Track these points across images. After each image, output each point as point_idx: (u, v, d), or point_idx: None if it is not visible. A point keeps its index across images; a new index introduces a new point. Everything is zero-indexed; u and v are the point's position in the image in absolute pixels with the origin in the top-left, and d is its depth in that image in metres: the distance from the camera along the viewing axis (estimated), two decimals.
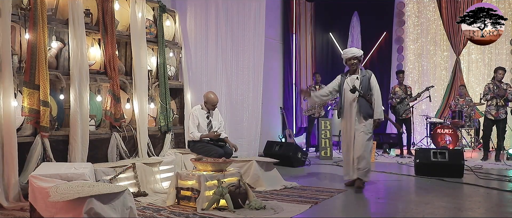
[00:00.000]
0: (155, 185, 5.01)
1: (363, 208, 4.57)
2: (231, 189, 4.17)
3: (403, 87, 9.08)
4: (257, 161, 5.42)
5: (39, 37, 4.34)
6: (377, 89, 5.35)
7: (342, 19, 12.37)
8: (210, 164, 4.40)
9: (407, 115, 8.91)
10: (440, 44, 11.47)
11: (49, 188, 3.18)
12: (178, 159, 5.64)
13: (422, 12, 11.66)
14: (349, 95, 5.35)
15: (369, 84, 5.32)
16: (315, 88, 9.65)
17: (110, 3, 5.22)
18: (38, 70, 4.32)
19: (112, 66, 5.20)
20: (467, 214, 4.17)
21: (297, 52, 11.27)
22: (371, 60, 12.18)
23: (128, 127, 5.44)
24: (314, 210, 4.24)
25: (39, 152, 4.32)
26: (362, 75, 5.36)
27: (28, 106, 4.28)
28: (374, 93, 5.31)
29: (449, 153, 6.32)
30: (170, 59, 6.25)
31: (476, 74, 11.08)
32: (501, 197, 5.05)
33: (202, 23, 6.86)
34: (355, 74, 5.40)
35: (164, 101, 5.86)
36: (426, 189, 5.45)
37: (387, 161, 8.20)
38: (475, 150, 9.45)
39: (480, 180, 6.00)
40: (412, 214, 4.14)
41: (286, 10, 11.11)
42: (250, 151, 7.50)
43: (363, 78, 5.33)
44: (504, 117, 7.83)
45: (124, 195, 3.18)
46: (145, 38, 5.71)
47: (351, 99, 5.34)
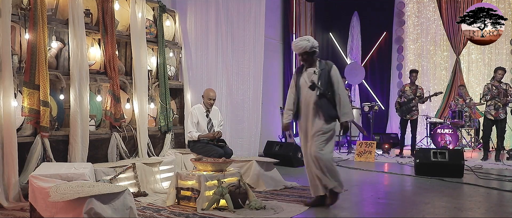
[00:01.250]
0: (155, 185, 5.01)
1: (363, 208, 4.57)
2: (231, 189, 4.18)
3: (414, 87, 8.76)
4: (257, 161, 5.42)
5: (39, 37, 4.34)
6: (340, 84, 4.31)
7: (342, 19, 12.39)
8: (210, 164, 4.40)
9: (412, 117, 8.67)
10: (440, 44, 11.47)
11: (49, 188, 3.19)
12: (178, 159, 5.64)
13: (422, 12, 11.66)
14: (307, 94, 4.32)
15: (330, 79, 4.29)
16: None
17: (110, 3, 5.22)
18: (38, 70, 4.32)
19: (112, 66, 5.20)
20: (467, 214, 4.17)
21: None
22: (371, 60, 12.19)
23: (128, 127, 5.44)
24: (314, 210, 4.24)
25: (39, 152, 4.32)
26: (321, 69, 4.31)
27: (28, 106, 4.28)
28: (337, 89, 4.28)
29: (449, 153, 6.32)
30: (170, 59, 6.25)
31: (476, 74, 11.08)
32: (501, 197, 5.06)
33: (202, 23, 6.85)
34: (312, 67, 4.36)
35: (164, 101, 5.86)
36: (426, 189, 5.45)
37: (387, 161, 8.19)
38: (475, 150, 9.45)
39: (480, 180, 6.01)
40: (412, 214, 4.14)
41: (286, 10, 11.11)
42: (250, 151, 7.50)
43: (321, 72, 4.29)
44: (503, 117, 7.83)
45: (124, 195, 3.18)
46: (145, 38, 5.71)
47: (309, 98, 4.30)
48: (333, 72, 4.30)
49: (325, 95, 4.23)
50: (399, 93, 8.95)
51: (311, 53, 4.32)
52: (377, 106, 9.95)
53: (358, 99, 12.00)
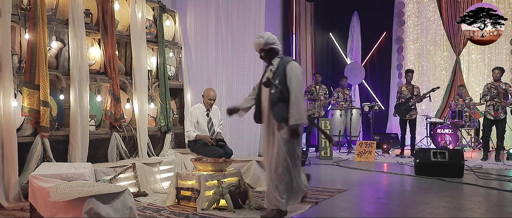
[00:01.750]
0: (155, 185, 5.01)
1: (363, 208, 4.57)
2: (231, 189, 4.18)
3: (410, 86, 8.86)
4: (257, 161, 5.42)
5: (39, 37, 4.34)
6: (295, 82, 3.81)
7: (342, 19, 12.39)
8: (210, 164, 4.40)
9: (411, 117, 8.72)
10: (440, 44, 11.48)
11: (49, 188, 3.19)
12: (178, 159, 5.65)
13: (422, 12, 11.66)
14: (264, 93, 3.99)
15: (285, 76, 3.85)
16: (315, 88, 9.67)
17: (110, 3, 5.22)
18: (38, 70, 4.32)
19: (112, 66, 5.20)
20: (467, 214, 4.16)
21: (297, 52, 11.27)
22: (371, 60, 12.19)
23: (128, 127, 5.44)
24: (314, 210, 4.24)
25: (39, 152, 4.32)
26: (277, 66, 3.93)
27: (28, 106, 4.28)
28: (290, 87, 3.81)
29: (449, 153, 6.32)
30: (170, 59, 6.25)
31: (476, 74, 11.09)
32: (501, 197, 5.05)
33: (202, 23, 6.85)
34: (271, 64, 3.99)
35: (164, 101, 5.86)
36: (426, 189, 5.45)
37: (387, 161, 8.19)
38: (475, 150, 9.45)
39: (480, 180, 6.00)
40: (412, 214, 4.14)
41: (286, 10, 11.11)
42: (250, 151, 7.49)
43: (277, 69, 3.91)
44: (503, 117, 7.83)
45: (124, 195, 3.18)
46: (145, 38, 5.71)
47: (265, 97, 3.95)
48: (289, 69, 3.85)
49: (282, 93, 3.80)
50: (397, 95, 9.01)
51: (268, 50, 3.95)
52: (377, 106, 9.95)
53: (358, 99, 12.01)
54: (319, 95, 9.57)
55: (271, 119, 3.89)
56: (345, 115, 9.77)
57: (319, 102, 9.50)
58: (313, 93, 9.64)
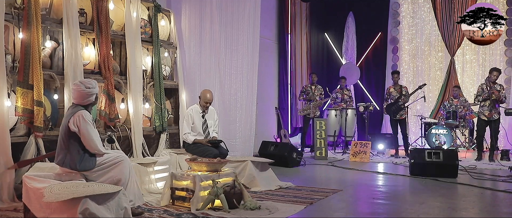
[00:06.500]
0: (149, 185, 4.99)
1: (358, 209, 4.58)
2: (226, 189, 4.17)
3: (398, 87, 9.03)
4: (252, 161, 5.42)
5: (33, 36, 4.31)
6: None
7: (337, 20, 12.41)
8: (205, 164, 4.39)
9: (401, 117, 8.86)
10: (435, 44, 11.52)
11: (43, 189, 3.17)
12: (173, 159, 5.63)
13: (417, 13, 11.70)
14: None
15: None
16: (310, 89, 9.68)
17: (104, 2, 5.19)
18: (32, 69, 4.29)
19: (107, 66, 5.18)
20: (461, 214, 4.19)
21: (292, 52, 11.28)
22: (366, 60, 12.21)
23: (123, 127, 5.42)
24: (309, 210, 4.24)
25: (33, 152, 4.29)
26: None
27: (21, 106, 4.25)
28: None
29: (443, 153, 6.35)
30: (165, 59, 6.23)
31: (470, 74, 11.14)
32: (494, 197, 5.09)
33: (197, 23, 6.83)
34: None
35: (159, 101, 5.85)
36: (420, 189, 5.48)
37: (382, 161, 8.21)
38: (469, 150, 9.50)
39: (474, 180, 6.04)
40: (406, 214, 4.16)
41: (281, 10, 11.11)
42: (245, 151, 7.48)
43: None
44: (497, 118, 7.88)
45: (119, 195, 3.17)
46: (140, 38, 5.69)
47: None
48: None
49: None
50: (385, 96, 9.09)
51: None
52: (372, 106, 9.98)
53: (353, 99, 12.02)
54: (314, 96, 9.59)
55: None
56: (340, 115, 9.80)
57: (315, 102, 9.51)
58: (308, 93, 9.65)
